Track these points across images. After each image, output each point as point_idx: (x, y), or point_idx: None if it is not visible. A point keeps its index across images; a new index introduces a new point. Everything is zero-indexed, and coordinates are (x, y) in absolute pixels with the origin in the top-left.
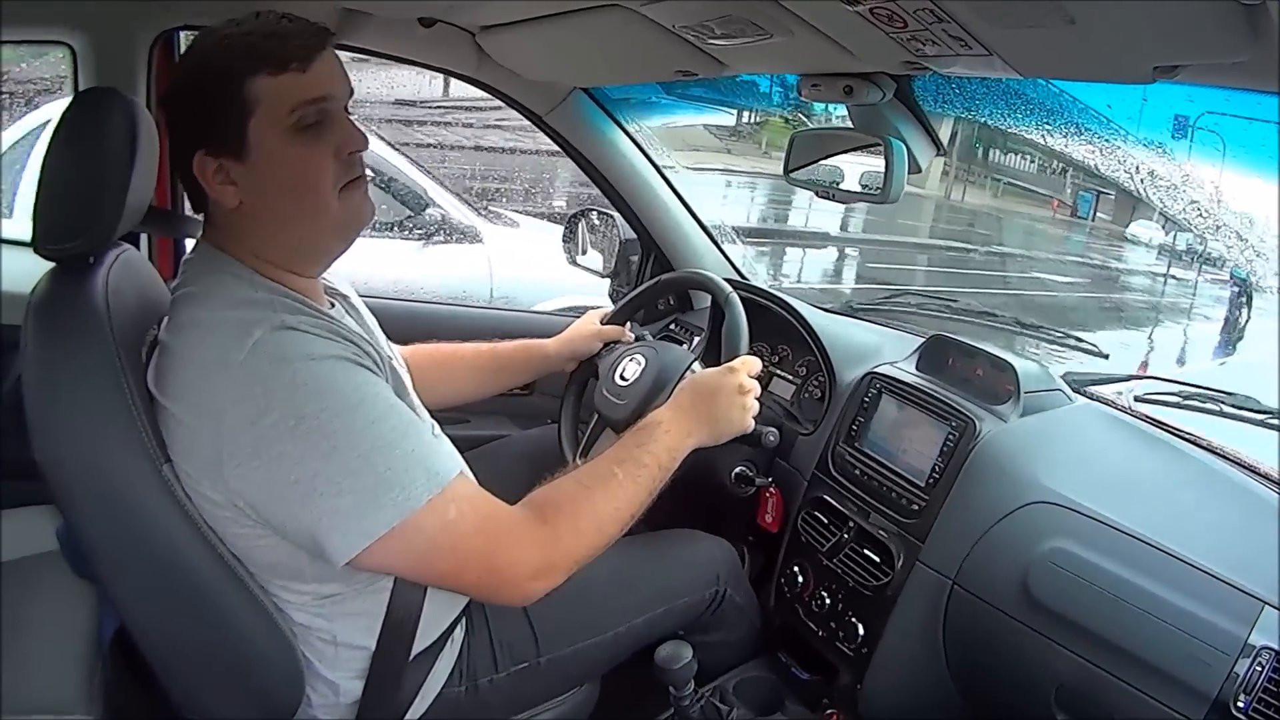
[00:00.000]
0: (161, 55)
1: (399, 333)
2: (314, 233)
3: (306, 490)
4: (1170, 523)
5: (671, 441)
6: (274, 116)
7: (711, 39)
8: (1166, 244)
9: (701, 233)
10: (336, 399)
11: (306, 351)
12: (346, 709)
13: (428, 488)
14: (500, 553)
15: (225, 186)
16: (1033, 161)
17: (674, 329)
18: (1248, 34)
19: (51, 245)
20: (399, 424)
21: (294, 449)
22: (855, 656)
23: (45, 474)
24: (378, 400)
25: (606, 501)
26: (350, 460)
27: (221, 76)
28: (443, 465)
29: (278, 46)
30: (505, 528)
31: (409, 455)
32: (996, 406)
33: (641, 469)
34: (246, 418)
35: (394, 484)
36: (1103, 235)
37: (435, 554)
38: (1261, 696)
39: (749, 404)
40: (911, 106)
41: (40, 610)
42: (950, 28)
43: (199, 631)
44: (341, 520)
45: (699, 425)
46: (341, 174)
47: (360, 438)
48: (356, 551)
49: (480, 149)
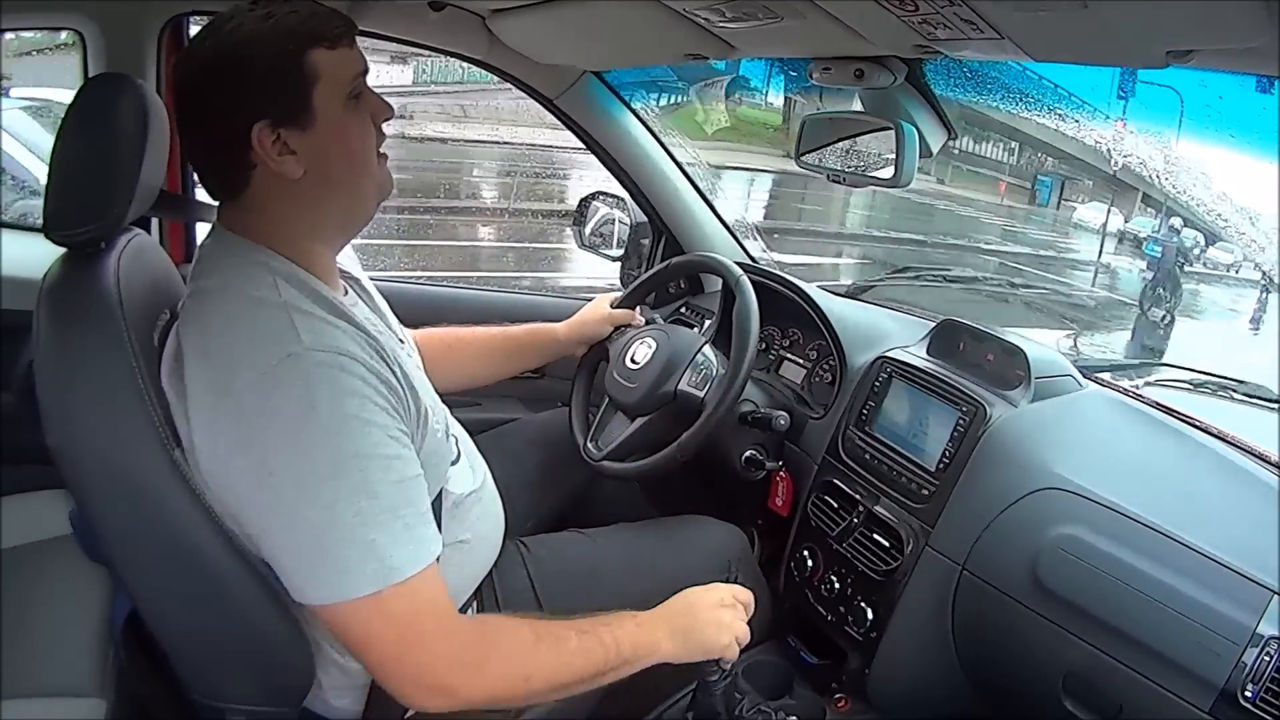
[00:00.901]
0: (171, 41)
1: (409, 316)
2: (362, 197)
3: (262, 534)
4: (1180, 510)
5: (640, 637)
6: (336, 86)
7: (722, 22)
8: (1129, 230)
9: (712, 216)
10: (310, 466)
11: (302, 399)
12: (357, 692)
13: (373, 581)
14: (416, 652)
15: (287, 158)
16: (996, 144)
17: (685, 312)
18: (1262, 18)
19: (63, 231)
20: (368, 508)
21: (260, 495)
22: (864, 641)
23: (58, 459)
24: (355, 477)
25: (548, 659)
26: (300, 532)
27: (283, 49)
28: (401, 560)
29: (326, 23)
30: (432, 631)
31: (366, 545)
32: (1007, 392)
33: (599, 646)
34: (229, 450)
35: (337, 567)
36: (1064, 224)
37: (352, 632)
38: (1269, 686)
39: (728, 623)
40: (922, 90)
41: (52, 594)
42: (962, 11)
43: (210, 615)
44: (285, 574)
45: (672, 634)
46: (378, 140)
47: (320, 514)
48: (300, 600)
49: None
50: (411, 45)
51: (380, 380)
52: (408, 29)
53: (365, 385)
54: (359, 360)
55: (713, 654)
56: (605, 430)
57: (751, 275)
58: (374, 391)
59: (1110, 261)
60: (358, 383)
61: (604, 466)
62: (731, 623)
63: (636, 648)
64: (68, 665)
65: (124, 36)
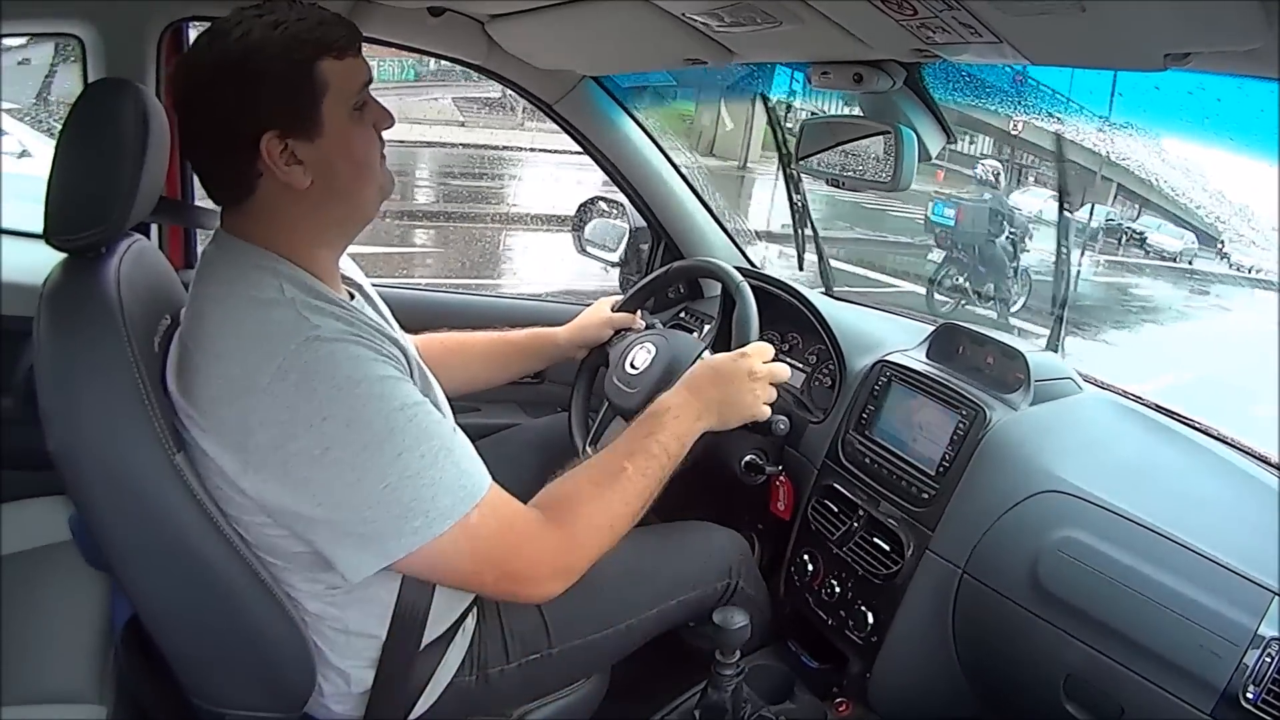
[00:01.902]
0: (170, 46)
1: (409, 321)
2: (364, 202)
3: (329, 515)
4: (1180, 513)
5: (680, 428)
6: (343, 97)
7: (721, 27)
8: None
9: (712, 221)
10: (364, 431)
11: (334, 375)
12: (358, 698)
13: (452, 513)
14: (519, 558)
15: (294, 167)
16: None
17: (684, 317)
18: (1262, 21)
19: (63, 236)
20: (428, 450)
21: (320, 475)
22: (865, 645)
23: (59, 464)
24: (409, 427)
25: (619, 499)
26: (375, 492)
27: (293, 60)
28: (469, 484)
29: (334, 34)
30: (524, 534)
31: (436, 484)
32: (1007, 395)
33: (651, 460)
34: (273, 442)
35: (419, 512)
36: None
37: (454, 565)
38: (1270, 688)
39: (760, 390)
40: (921, 94)
41: (53, 599)
42: (960, 15)
43: (211, 620)
44: (361, 544)
45: (708, 409)
46: (380, 147)
47: (387, 470)
48: (372, 571)
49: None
50: (411, 50)
51: (390, 354)
52: (407, 34)
53: (380, 354)
54: (370, 338)
55: (747, 420)
56: (605, 434)
57: (751, 280)
58: (389, 358)
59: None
60: (373, 352)
61: None
62: (765, 391)
63: (681, 438)
64: (68, 670)
65: (123, 42)
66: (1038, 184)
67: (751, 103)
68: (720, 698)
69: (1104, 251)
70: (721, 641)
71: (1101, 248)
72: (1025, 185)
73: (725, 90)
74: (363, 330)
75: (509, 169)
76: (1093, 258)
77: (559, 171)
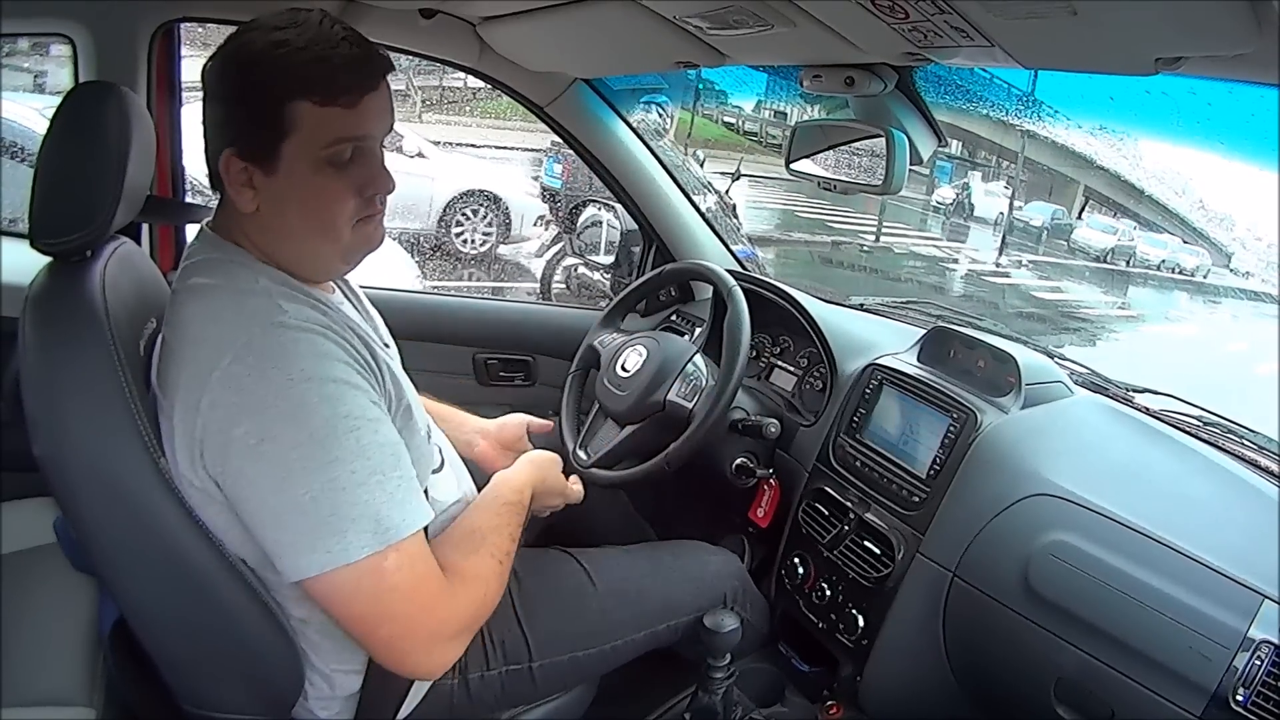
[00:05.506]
0: (162, 47)
1: (401, 324)
2: (321, 254)
3: (255, 511)
4: (1170, 516)
5: (512, 479)
6: (309, 145)
7: (713, 29)
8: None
9: (703, 224)
10: (301, 430)
11: (289, 367)
12: (344, 701)
13: (370, 543)
14: (428, 618)
15: (245, 190)
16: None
17: (675, 320)
18: (1252, 26)
19: (48, 240)
20: (361, 469)
21: (251, 469)
22: (856, 648)
23: (44, 468)
24: (347, 439)
25: (489, 563)
26: (297, 497)
27: (266, 91)
28: (396, 520)
29: (329, 76)
30: (440, 594)
31: (360, 505)
32: (998, 398)
33: (510, 514)
34: (219, 424)
35: (334, 531)
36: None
37: (352, 605)
38: (1260, 690)
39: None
40: (913, 97)
41: (40, 602)
42: (952, 19)
43: (198, 624)
44: (280, 550)
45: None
46: (360, 209)
47: (313, 476)
48: (296, 579)
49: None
50: (403, 53)
51: (360, 357)
52: (398, 36)
53: (347, 355)
54: (341, 335)
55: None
56: (595, 437)
57: (742, 283)
58: (355, 362)
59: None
60: (340, 351)
61: (592, 473)
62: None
63: (519, 490)
64: (57, 673)
65: (115, 42)
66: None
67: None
68: (711, 701)
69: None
70: (712, 645)
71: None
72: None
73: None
74: (335, 325)
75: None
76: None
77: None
